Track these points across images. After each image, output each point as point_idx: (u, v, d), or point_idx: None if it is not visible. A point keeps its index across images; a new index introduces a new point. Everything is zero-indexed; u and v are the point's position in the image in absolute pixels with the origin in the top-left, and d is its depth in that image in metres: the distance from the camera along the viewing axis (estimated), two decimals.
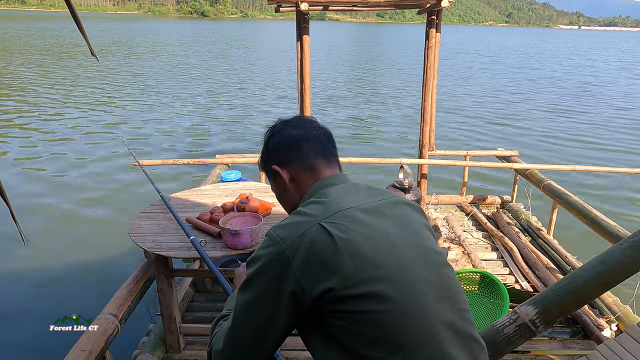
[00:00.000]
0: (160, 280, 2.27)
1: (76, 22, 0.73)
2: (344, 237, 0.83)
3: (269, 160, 1.10)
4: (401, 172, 3.43)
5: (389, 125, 10.92)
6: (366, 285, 0.81)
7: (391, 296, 0.81)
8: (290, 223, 0.88)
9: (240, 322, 0.88)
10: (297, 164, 1.06)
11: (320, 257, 0.82)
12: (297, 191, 1.06)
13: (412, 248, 0.90)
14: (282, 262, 0.83)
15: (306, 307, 0.83)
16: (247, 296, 0.87)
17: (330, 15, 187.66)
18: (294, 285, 0.82)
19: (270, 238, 0.87)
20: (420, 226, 0.98)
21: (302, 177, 1.06)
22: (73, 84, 15.20)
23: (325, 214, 0.87)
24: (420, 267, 0.88)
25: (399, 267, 0.85)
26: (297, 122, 1.11)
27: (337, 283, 0.80)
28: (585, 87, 18.09)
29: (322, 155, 1.07)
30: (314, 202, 0.93)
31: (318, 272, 0.81)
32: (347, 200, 0.93)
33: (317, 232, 0.84)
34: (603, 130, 10.87)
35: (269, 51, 31.93)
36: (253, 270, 0.87)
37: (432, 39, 4.11)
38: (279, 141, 1.08)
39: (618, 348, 1.78)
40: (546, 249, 3.74)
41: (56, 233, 5.23)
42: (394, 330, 0.81)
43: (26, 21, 67.44)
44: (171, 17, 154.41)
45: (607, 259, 1.42)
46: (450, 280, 0.93)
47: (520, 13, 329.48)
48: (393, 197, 1.01)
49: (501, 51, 39.02)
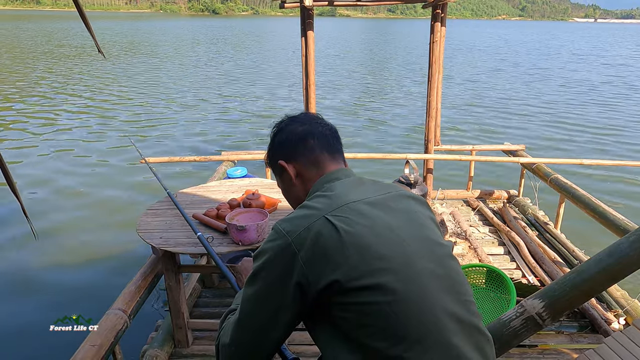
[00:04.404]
0: (168, 276, 2.29)
1: (84, 20, 0.74)
2: (349, 230, 0.84)
3: (275, 156, 1.11)
4: (407, 167, 3.43)
5: (395, 120, 10.89)
6: (371, 277, 0.82)
7: (395, 288, 0.82)
8: (296, 216, 0.89)
9: (247, 315, 0.89)
10: (302, 159, 1.07)
11: (325, 249, 0.83)
12: (302, 186, 1.08)
13: (416, 240, 0.91)
14: (288, 255, 0.84)
15: (312, 299, 0.84)
16: (253, 289, 0.89)
17: (340, 12, 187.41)
18: (299, 277, 0.83)
19: (276, 231, 0.88)
20: (426, 219, 0.99)
21: (307, 172, 1.07)
22: (84, 80, 15.29)
23: (330, 207, 0.88)
24: (425, 259, 0.89)
25: (404, 259, 0.86)
26: (303, 119, 1.13)
27: (342, 275, 0.81)
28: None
29: (327, 151, 1.09)
30: (319, 196, 0.94)
31: (323, 264, 0.82)
32: (353, 193, 0.94)
33: (322, 225, 0.85)
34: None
35: (276, 47, 31.85)
36: (260, 263, 0.88)
37: (437, 33, 4.09)
38: (285, 137, 1.10)
39: (626, 341, 1.77)
40: (553, 243, 3.72)
41: (63, 230, 5.27)
42: (398, 322, 0.81)
43: (42, 20, 67.82)
44: (183, 15, 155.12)
45: (614, 252, 1.41)
46: (455, 272, 0.94)
47: (534, 6, 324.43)
48: (398, 190, 1.02)
49: (517, 46, 38.49)
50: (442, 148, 4.63)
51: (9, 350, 3.39)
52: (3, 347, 3.42)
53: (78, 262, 4.56)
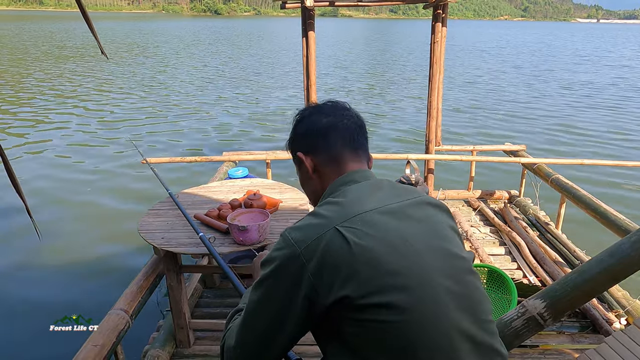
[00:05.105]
0: (170, 276, 2.30)
1: (87, 21, 0.75)
2: (361, 243, 0.80)
3: (295, 146, 1.07)
4: (408, 167, 3.43)
5: (396, 120, 10.89)
6: (381, 295, 0.78)
7: (407, 306, 0.79)
8: (306, 225, 0.85)
9: (251, 321, 0.87)
10: (322, 154, 1.02)
11: (335, 263, 0.79)
12: (320, 182, 1.04)
13: (434, 253, 0.86)
14: (297, 266, 0.81)
15: (319, 312, 0.81)
16: (259, 296, 0.86)
17: (343, 12, 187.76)
18: (308, 290, 0.80)
19: (284, 240, 0.85)
20: (445, 228, 0.93)
21: (326, 169, 1.02)
22: (86, 81, 15.31)
23: (342, 217, 0.84)
24: (441, 274, 0.84)
25: (419, 274, 0.82)
26: (328, 109, 1.06)
27: (352, 291, 0.78)
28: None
29: (349, 147, 1.03)
30: (332, 203, 0.90)
31: (333, 279, 0.79)
32: (368, 200, 0.89)
33: (333, 237, 0.81)
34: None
35: (278, 48, 31.88)
36: (267, 271, 0.85)
37: (438, 34, 4.10)
38: (307, 128, 1.04)
39: (627, 340, 1.77)
40: (554, 244, 3.72)
41: (66, 230, 5.28)
42: (408, 340, 0.79)
43: (45, 21, 67.87)
44: (185, 16, 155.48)
45: (615, 252, 1.42)
46: (473, 289, 0.89)
47: (536, 7, 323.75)
48: (417, 196, 0.96)
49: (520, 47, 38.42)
50: (443, 148, 4.63)
51: (9, 350, 3.40)
52: (3, 346, 3.42)
53: (79, 263, 4.56)
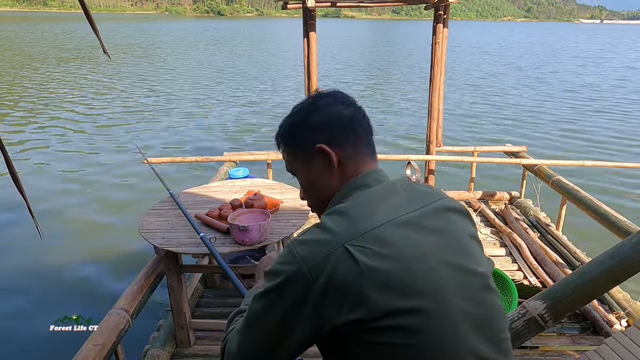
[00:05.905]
0: (170, 276, 2.30)
1: (90, 22, 0.75)
2: (371, 265, 0.74)
3: (309, 137, 0.92)
4: (408, 168, 3.43)
5: (397, 122, 10.89)
6: (393, 318, 0.74)
7: (420, 329, 0.75)
8: (314, 240, 0.79)
9: (252, 331, 0.84)
10: (349, 147, 0.91)
11: (343, 285, 0.74)
12: (339, 179, 0.92)
13: (451, 271, 0.81)
14: (302, 284, 0.76)
15: (325, 331, 0.78)
16: (262, 307, 0.82)
17: (345, 13, 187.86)
18: (313, 309, 0.76)
19: (290, 254, 0.79)
20: (464, 238, 0.87)
21: (348, 165, 0.92)
22: (88, 82, 15.32)
23: (352, 234, 0.77)
24: (458, 293, 0.79)
25: (434, 295, 0.77)
26: (346, 99, 0.95)
27: (362, 314, 0.74)
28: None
29: (369, 144, 0.94)
30: (341, 213, 0.82)
31: (341, 302, 0.74)
32: (380, 211, 0.82)
33: (341, 257, 0.75)
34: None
35: (279, 49, 31.91)
36: (272, 284, 0.80)
37: (440, 35, 4.10)
38: (329, 117, 0.92)
39: (627, 341, 1.77)
40: (555, 245, 3.72)
41: (66, 230, 5.29)
42: None
43: (49, 22, 67.93)
44: (188, 17, 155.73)
45: (616, 254, 1.42)
46: (490, 306, 0.84)
47: (539, 7, 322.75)
48: (435, 201, 0.88)
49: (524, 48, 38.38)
50: (443, 149, 4.62)
51: (9, 351, 3.40)
52: (3, 347, 3.43)
53: (79, 262, 4.57)
